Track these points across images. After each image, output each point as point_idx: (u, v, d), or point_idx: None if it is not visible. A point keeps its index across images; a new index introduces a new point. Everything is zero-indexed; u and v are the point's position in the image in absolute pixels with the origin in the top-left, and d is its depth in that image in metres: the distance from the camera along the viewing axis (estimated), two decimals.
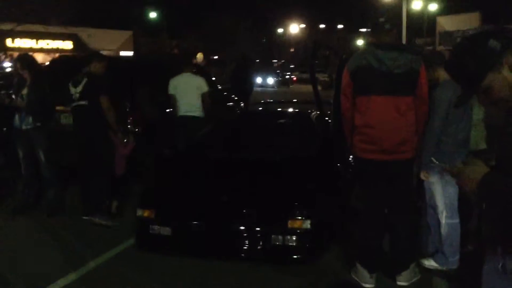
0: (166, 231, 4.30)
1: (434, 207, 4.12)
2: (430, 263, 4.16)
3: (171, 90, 6.82)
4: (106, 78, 5.44)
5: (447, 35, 37.15)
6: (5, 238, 5.02)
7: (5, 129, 7.01)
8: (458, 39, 30.99)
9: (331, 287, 3.91)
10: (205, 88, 6.89)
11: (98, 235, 4.98)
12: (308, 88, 7.91)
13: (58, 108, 6.59)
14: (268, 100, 8.53)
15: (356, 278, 3.92)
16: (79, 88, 5.34)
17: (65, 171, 6.15)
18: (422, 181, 4.12)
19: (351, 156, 5.21)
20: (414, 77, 3.65)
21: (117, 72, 6.66)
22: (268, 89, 33.09)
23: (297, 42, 57.64)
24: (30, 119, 5.52)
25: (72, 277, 4.05)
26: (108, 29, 36.70)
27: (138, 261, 4.35)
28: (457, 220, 4.04)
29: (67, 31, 31.67)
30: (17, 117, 5.59)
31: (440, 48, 40.02)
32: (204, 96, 6.85)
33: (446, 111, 3.86)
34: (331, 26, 55.29)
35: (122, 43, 38.14)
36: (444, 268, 4.09)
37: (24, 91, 5.52)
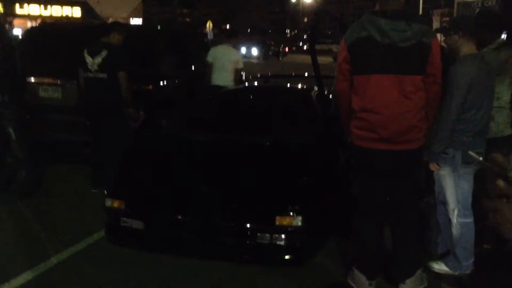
0: (138, 224, 3.75)
1: (445, 204, 3.53)
2: (440, 267, 3.60)
3: (209, 58, 7.06)
4: (126, 51, 5.22)
5: (466, 5, 35.83)
6: None
7: None
8: (477, 10, 30.13)
9: None
10: (240, 64, 7.14)
11: (68, 224, 4.47)
12: (306, 59, 7.18)
13: (36, 80, 6.08)
14: (266, 74, 7.81)
15: (352, 285, 3.37)
16: (98, 60, 5.03)
17: (41, 150, 5.66)
18: (432, 172, 3.52)
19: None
20: (424, 53, 2.99)
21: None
22: (251, 61, 29.23)
23: (311, 11, 56.32)
24: None
25: (27, 276, 3.54)
26: None
27: (106, 258, 3.84)
28: (470, 219, 3.46)
29: None
30: None
31: None
32: (237, 72, 7.08)
33: (465, 93, 3.23)
34: None
35: (131, 11, 37.46)
36: (456, 273, 3.53)
37: None
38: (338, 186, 4.21)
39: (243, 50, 31.05)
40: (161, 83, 6.60)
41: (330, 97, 5.40)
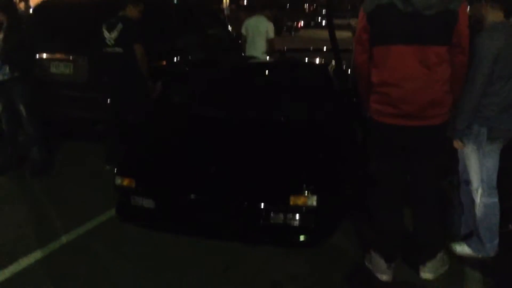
0: (149, 203, 3.64)
1: (468, 183, 3.35)
2: (463, 248, 3.44)
3: (242, 30, 7.28)
4: (141, 24, 5.09)
5: None
6: None
7: None
8: None
9: (339, 276, 3.23)
10: (272, 34, 7.14)
11: (79, 203, 4.40)
12: (322, 34, 6.99)
13: (47, 55, 5.96)
14: (282, 48, 7.59)
15: (370, 268, 3.23)
16: (114, 34, 4.93)
17: (53, 127, 5.59)
18: (455, 150, 3.33)
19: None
20: (450, 21, 2.76)
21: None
22: None
23: None
24: (7, 68, 4.87)
25: (37, 255, 3.48)
26: None
27: (116, 237, 3.76)
28: (495, 199, 3.27)
29: None
30: None
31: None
32: (270, 42, 7.10)
33: (491, 65, 3.01)
34: None
35: None
36: (480, 256, 3.37)
37: (0, 36, 4.85)
38: (354, 163, 4.05)
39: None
40: (176, 58, 6.49)
41: (348, 71, 5.22)
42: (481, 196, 3.23)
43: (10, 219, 4.10)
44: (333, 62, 5.10)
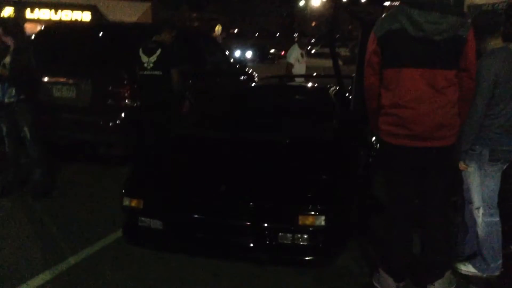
0: (156, 224, 3.67)
1: (470, 203, 3.42)
2: (467, 268, 3.48)
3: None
4: (178, 49, 5.50)
5: (476, 8, 35.66)
6: None
7: None
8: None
9: None
10: (289, 59, 8.20)
11: (84, 225, 4.40)
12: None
13: (51, 79, 6.03)
14: (281, 74, 7.75)
15: (379, 287, 3.26)
16: (153, 58, 5.20)
17: (55, 149, 5.61)
18: (459, 171, 3.41)
19: (373, 139, 4.52)
20: (459, 46, 2.86)
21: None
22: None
23: (319, 15, 56.12)
24: (14, 90, 4.93)
25: (45, 276, 3.47)
26: (127, 1, 36.13)
27: (123, 258, 3.76)
28: (496, 219, 3.34)
29: (85, 2, 31.23)
30: None
31: (469, 21, 38.53)
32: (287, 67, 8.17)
33: (492, 88, 3.12)
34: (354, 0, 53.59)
35: (140, 15, 37.47)
36: (485, 275, 3.42)
37: (7, 59, 4.91)
38: (359, 185, 4.11)
39: (237, 53, 30.83)
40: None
41: (349, 96, 5.33)
42: (483, 216, 3.30)
43: (16, 241, 4.09)
44: (334, 87, 5.21)
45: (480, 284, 3.39)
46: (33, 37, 6.64)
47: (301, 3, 57.22)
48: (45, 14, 32.33)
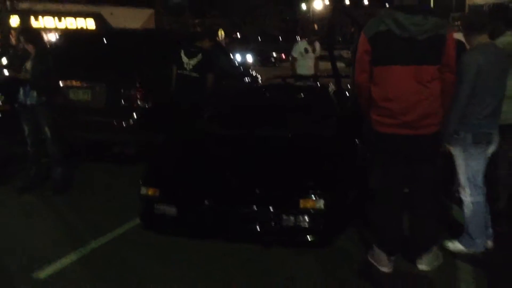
0: (171, 211, 4.04)
1: (458, 184, 3.78)
2: (455, 245, 3.83)
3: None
4: (215, 57, 6.19)
5: (478, 9, 36.05)
6: (8, 215, 4.87)
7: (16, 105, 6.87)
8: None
9: (346, 270, 3.61)
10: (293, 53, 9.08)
11: (103, 215, 4.78)
12: None
13: (67, 83, 6.41)
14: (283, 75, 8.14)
15: (373, 262, 3.61)
16: (194, 61, 5.76)
17: (73, 149, 5.99)
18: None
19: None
20: (440, 44, 3.23)
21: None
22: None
23: (321, 18, 56.49)
24: (35, 94, 5.32)
25: (71, 258, 3.85)
26: (130, 7, 36.61)
27: (142, 242, 4.12)
28: (481, 199, 3.69)
29: (89, 10, 31.74)
30: (21, 91, 5.39)
31: None
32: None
33: (474, 79, 3.47)
34: (357, 2, 53.85)
35: (144, 22, 38.00)
36: (471, 251, 3.76)
37: (28, 65, 5.30)
38: (357, 174, 4.47)
39: (238, 57, 31.26)
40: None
41: (347, 94, 5.70)
42: (469, 195, 3.66)
43: (42, 229, 4.48)
44: (333, 85, 5.59)
45: (466, 259, 3.72)
46: (52, 44, 7.01)
47: (304, 7, 57.59)
48: (49, 22, 32.89)
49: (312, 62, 8.76)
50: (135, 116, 6.26)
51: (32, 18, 29.64)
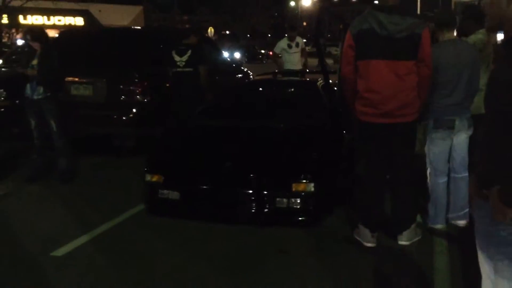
0: (174, 195, 4.41)
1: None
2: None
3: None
4: (203, 50, 6.67)
5: (464, 5, 36.66)
6: (19, 203, 5.20)
7: (17, 101, 7.17)
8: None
9: (333, 247, 4.00)
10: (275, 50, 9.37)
11: (108, 202, 5.12)
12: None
13: (69, 79, 6.73)
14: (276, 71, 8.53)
15: (358, 238, 4.01)
16: (185, 58, 6.28)
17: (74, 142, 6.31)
18: None
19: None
20: (415, 41, 3.63)
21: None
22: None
23: (309, 15, 56.91)
24: (41, 89, 5.63)
25: (83, 239, 4.20)
26: (119, 5, 36.72)
27: (147, 225, 4.48)
28: (442, 180, 4.09)
29: (78, 7, 31.85)
30: (28, 87, 5.70)
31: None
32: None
33: (435, 72, 3.82)
34: None
35: (132, 19, 38.09)
36: (432, 226, 4.17)
37: (34, 62, 5.62)
38: (345, 162, 4.87)
39: (225, 54, 31.56)
40: None
41: (334, 88, 6.09)
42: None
43: (52, 215, 4.82)
44: (321, 80, 5.98)
45: (443, 236, 4.13)
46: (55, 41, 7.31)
47: (292, 4, 57.98)
48: (38, 20, 32.90)
49: (298, 56, 9.02)
50: (134, 110, 6.61)
51: (21, 16, 29.68)
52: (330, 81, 5.57)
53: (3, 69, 9.43)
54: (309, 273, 3.54)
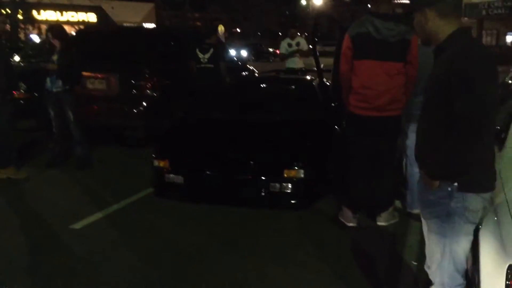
0: (179, 179, 4.92)
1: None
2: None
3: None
4: (222, 49, 7.85)
5: (473, 7, 36.86)
6: (39, 185, 5.74)
7: (36, 94, 7.73)
8: (484, 11, 30.54)
9: (319, 227, 4.48)
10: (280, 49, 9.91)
11: (120, 185, 5.66)
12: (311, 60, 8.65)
13: (85, 74, 7.25)
14: (277, 69, 9.03)
15: (341, 219, 4.50)
16: (207, 55, 7.31)
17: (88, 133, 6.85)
18: None
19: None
20: (405, 46, 4.10)
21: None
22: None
23: (320, 14, 57.12)
24: (60, 82, 6.17)
25: (98, 215, 4.73)
26: (131, 1, 37.31)
27: (155, 205, 5.01)
28: (412, 170, 4.46)
29: (91, 3, 32.47)
30: (48, 80, 6.23)
31: (465, 20, 39.76)
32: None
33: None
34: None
35: (144, 16, 38.72)
36: (416, 212, 4.56)
37: (55, 57, 6.16)
38: (336, 152, 5.34)
39: (232, 52, 31.84)
40: None
41: (328, 84, 6.58)
42: (406, 166, 4.54)
43: (69, 195, 5.37)
44: (316, 78, 6.48)
45: (418, 219, 4.58)
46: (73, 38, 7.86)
47: (303, 2, 58.22)
48: (51, 15, 33.55)
49: (298, 55, 9.31)
50: (144, 104, 7.14)
51: (35, 11, 30.34)
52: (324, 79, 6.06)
53: (21, 63, 10.05)
54: (297, 248, 4.04)
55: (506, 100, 4.17)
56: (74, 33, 8.37)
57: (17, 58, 10.86)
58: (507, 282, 1.98)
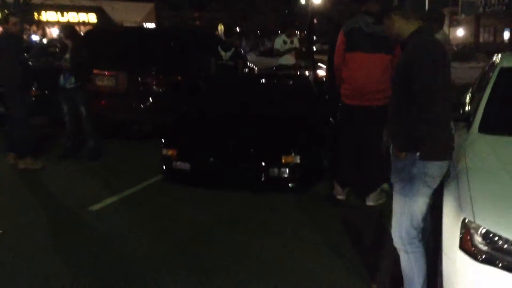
0: (186, 166, 5.39)
1: None
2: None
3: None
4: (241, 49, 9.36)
5: (469, 4, 37.42)
6: (55, 175, 6.17)
7: (47, 91, 8.19)
8: (480, 9, 31.02)
9: (313, 207, 4.94)
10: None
11: (130, 173, 6.11)
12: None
13: (94, 71, 7.70)
14: (277, 65, 9.49)
15: (334, 194, 5.01)
16: (229, 53, 8.50)
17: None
18: None
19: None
20: (393, 40, 4.55)
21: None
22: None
23: (320, 13, 57.48)
24: (73, 79, 6.62)
25: (113, 199, 5.19)
26: (131, 2, 37.69)
27: (164, 190, 5.48)
28: None
29: (91, 4, 32.87)
30: (62, 77, 6.68)
31: (461, 16, 40.27)
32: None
33: None
34: None
35: (144, 16, 39.10)
36: None
37: (67, 56, 6.61)
38: (330, 141, 5.80)
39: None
40: None
41: (324, 80, 7.04)
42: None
43: (84, 182, 5.84)
44: (311, 74, 6.97)
45: None
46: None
47: (302, 1, 58.56)
48: (52, 16, 33.93)
49: (291, 53, 9.50)
50: (151, 99, 7.60)
51: (36, 13, 30.69)
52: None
53: (29, 63, 10.49)
54: (293, 224, 4.50)
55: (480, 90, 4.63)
56: (83, 33, 8.80)
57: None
58: (462, 231, 2.42)
